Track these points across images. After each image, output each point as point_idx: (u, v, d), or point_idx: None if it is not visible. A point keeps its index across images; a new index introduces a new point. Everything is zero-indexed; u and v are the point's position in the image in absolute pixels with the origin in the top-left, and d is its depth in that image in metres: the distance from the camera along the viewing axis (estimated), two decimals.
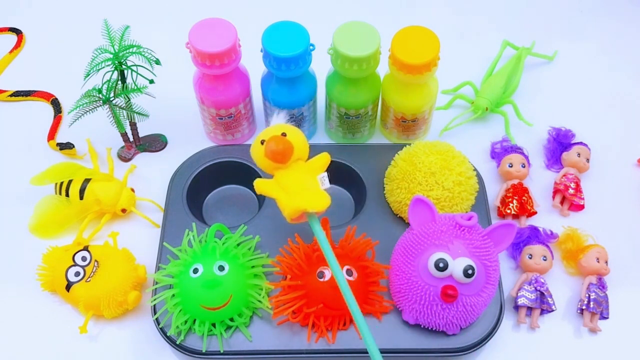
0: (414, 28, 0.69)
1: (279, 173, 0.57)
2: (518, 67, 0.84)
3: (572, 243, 0.71)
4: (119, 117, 0.73)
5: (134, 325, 0.67)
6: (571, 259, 0.70)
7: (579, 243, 0.70)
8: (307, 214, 0.57)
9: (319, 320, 0.63)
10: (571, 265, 0.71)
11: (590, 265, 0.68)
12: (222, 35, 0.67)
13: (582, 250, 0.70)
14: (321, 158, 0.59)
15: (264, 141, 0.57)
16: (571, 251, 0.70)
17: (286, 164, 0.57)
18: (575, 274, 0.71)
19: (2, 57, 0.89)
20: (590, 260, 0.68)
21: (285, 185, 0.56)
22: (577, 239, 0.71)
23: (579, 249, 0.70)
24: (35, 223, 0.73)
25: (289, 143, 0.56)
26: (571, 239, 0.71)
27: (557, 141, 0.78)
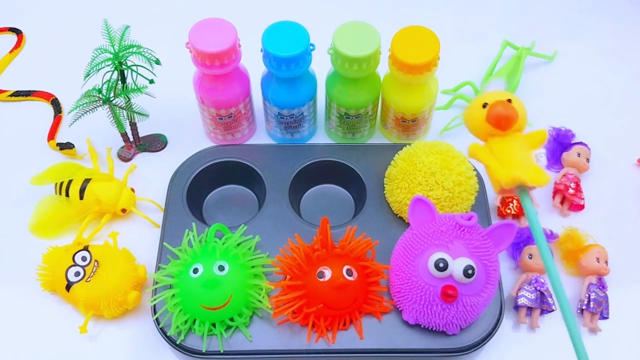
0: (414, 28, 0.69)
1: (494, 140, 0.54)
2: (518, 67, 0.84)
3: (572, 243, 0.71)
4: (119, 117, 0.73)
5: (134, 325, 0.67)
6: (571, 259, 0.70)
7: (579, 243, 0.70)
8: (521, 189, 0.53)
9: (319, 320, 0.63)
10: (571, 265, 0.71)
11: (590, 265, 0.68)
12: (222, 35, 0.67)
13: (582, 250, 0.70)
14: (539, 133, 0.55)
15: (487, 105, 0.54)
16: (571, 251, 0.70)
17: (505, 132, 0.53)
18: (575, 274, 0.71)
19: (2, 57, 0.89)
20: (590, 260, 0.68)
21: (500, 154, 0.53)
22: (577, 239, 0.71)
23: (579, 249, 0.70)
24: (35, 223, 0.73)
25: (515, 110, 0.53)
26: (571, 239, 0.71)
27: (557, 141, 0.78)
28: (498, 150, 0.54)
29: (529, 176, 0.52)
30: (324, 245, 0.64)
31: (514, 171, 0.52)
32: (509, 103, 0.53)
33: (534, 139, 0.55)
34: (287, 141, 0.78)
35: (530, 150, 0.54)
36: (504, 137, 0.54)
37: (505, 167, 0.53)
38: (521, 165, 0.52)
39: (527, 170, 0.52)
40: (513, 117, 0.53)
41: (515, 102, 0.54)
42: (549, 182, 0.53)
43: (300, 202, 0.75)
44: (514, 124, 0.53)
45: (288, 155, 0.75)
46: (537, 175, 0.52)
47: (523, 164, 0.53)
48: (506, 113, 0.53)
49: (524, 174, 0.52)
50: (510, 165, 0.52)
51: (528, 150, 0.54)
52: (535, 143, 0.55)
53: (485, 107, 0.54)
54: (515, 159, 0.53)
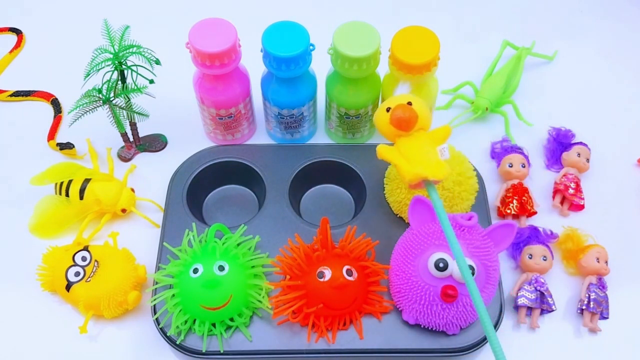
0: (414, 28, 0.69)
1: (400, 141, 0.59)
2: (518, 67, 0.84)
3: (572, 243, 0.71)
4: (119, 117, 0.73)
5: (134, 325, 0.67)
6: (571, 259, 0.70)
7: (579, 243, 0.70)
8: (426, 182, 0.58)
9: (319, 320, 0.63)
10: (571, 265, 0.71)
11: (590, 265, 0.68)
12: (222, 35, 0.67)
13: (582, 250, 0.70)
14: (442, 130, 0.61)
15: (390, 109, 0.59)
16: (571, 251, 0.70)
17: (409, 132, 0.58)
18: (575, 274, 0.71)
19: (2, 57, 0.89)
20: (590, 260, 0.68)
21: (407, 153, 0.58)
22: (577, 239, 0.71)
23: (579, 249, 0.70)
24: (35, 223, 0.73)
25: (414, 111, 0.58)
26: (571, 239, 0.71)
27: (557, 141, 0.78)
28: (404, 149, 0.59)
29: (429, 171, 0.57)
30: (324, 245, 0.64)
31: (415, 168, 0.57)
32: (409, 105, 0.58)
33: (438, 135, 0.60)
34: (287, 141, 0.78)
35: (434, 146, 0.59)
36: (409, 137, 0.59)
37: (410, 164, 0.58)
38: (423, 161, 0.58)
39: (428, 165, 0.57)
40: (412, 118, 0.58)
41: (415, 103, 0.59)
42: (446, 174, 0.58)
43: (300, 202, 0.75)
44: (415, 124, 0.58)
45: (288, 155, 0.75)
46: (437, 169, 0.57)
47: (425, 160, 0.58)
48: (405, 115, 0.58)
49: (425, 170, 0.57)
50: (414, 162, 0.58)
51: (432, 146, 0.59)
52: (439, 139, 0.60)
53: (389, 111, 0.59)
54: (419, 156, 0.58)
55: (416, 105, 0.59)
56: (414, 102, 0.59)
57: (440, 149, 0.60)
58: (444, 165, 0.58)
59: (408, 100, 0.59)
